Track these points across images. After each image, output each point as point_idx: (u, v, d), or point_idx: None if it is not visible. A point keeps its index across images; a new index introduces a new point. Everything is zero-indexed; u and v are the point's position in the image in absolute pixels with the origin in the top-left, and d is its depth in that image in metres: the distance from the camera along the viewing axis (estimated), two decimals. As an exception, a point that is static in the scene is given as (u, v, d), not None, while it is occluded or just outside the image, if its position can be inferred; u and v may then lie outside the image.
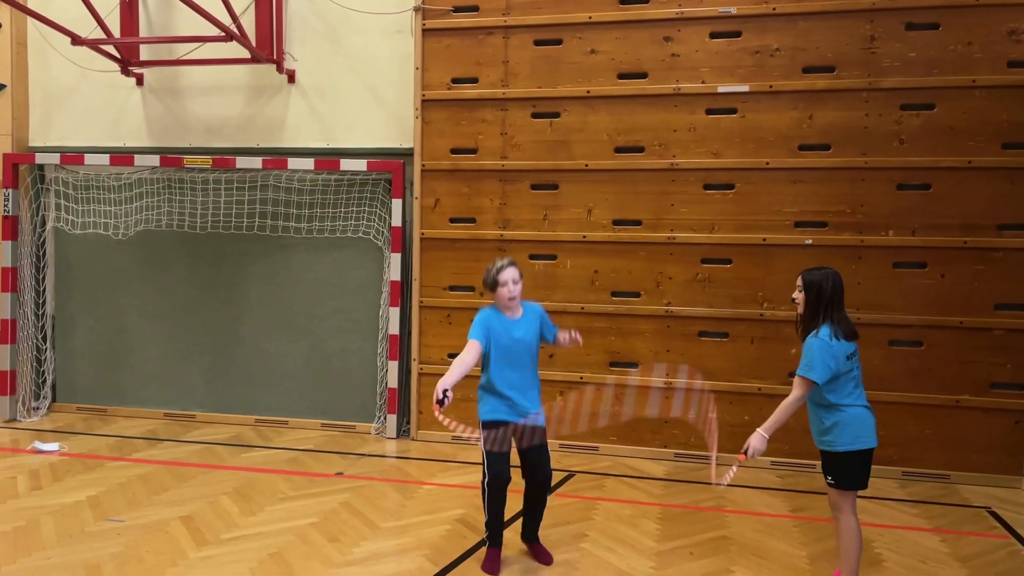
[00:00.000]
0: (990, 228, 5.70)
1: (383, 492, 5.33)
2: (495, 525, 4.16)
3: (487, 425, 4.12)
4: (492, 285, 4.08)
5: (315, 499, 5.15)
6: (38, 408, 7.32)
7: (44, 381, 7.40)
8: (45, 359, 7.39)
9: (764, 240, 6.04)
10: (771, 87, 5.97)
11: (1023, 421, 5.68)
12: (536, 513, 4.29)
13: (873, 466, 5.77)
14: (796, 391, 3.70)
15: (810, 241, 5.96)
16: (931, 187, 5.77)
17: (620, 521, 4.86)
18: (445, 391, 3.73)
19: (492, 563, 4.13)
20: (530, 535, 4.35)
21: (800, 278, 3.83)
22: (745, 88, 6.02)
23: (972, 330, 5.74)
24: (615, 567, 4.19)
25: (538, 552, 4.29)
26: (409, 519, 4.83)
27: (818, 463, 5.81)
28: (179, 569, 4.04)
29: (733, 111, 6.07)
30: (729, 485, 5.61)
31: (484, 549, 4.29)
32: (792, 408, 3.72)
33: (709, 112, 6.12)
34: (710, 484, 5.61)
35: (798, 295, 3.83)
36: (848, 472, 3.71)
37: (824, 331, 3.68)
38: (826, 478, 3.79)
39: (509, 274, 4.06)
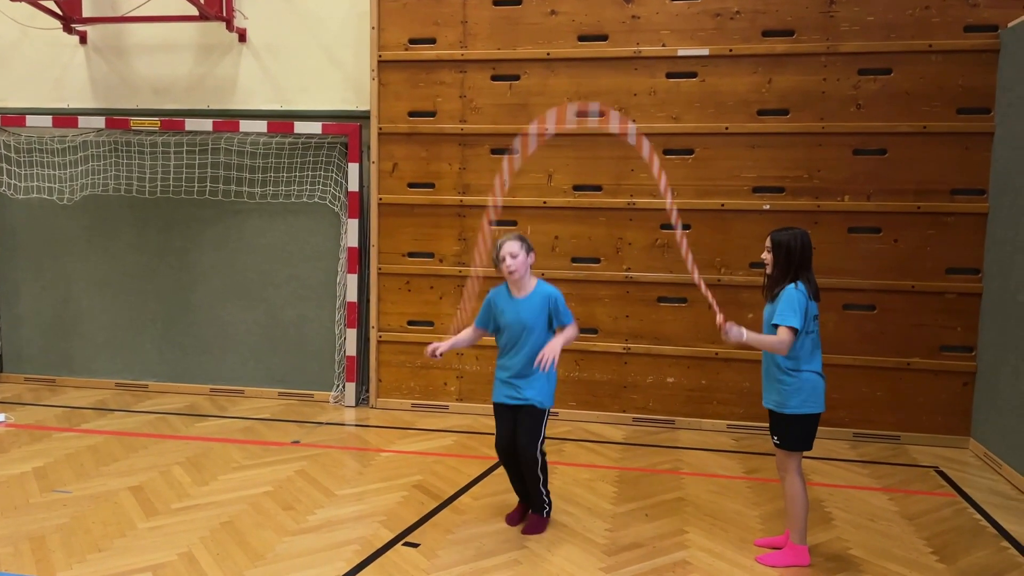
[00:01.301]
0: (943, 193, 5.76)
1: (340, 460, 5.28)
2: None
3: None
4: (495, 262, 4.04)
5: (270, 468, 5.08)
6: (-17, 379, 7.10)
7: (-11, 351, 7.17)
8: (-11, 328, 7.17)
9: (722, 205, 6.04)
10: (731, 51, 5.93)
11: (971, 383, 5.80)
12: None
13: (826, 428, 5.97)
14: (782, 338, 3.61)
15: (768, 207, 5.97)
16: (887, 152, 5.81)
17: (577, 484, 4.88)
18: (435, 351, 4.11)
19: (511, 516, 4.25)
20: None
21: (769, 238, 3.83)
22: (705, 52, 5.97)
23: (924, 294, 5.83)
24: (570, 529, 4.20)
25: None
26: (366, 486, 4.79)
27: (772, 425, 5.92)
28: (127, 540, 3.96)
29: (693, 75, 6.03)
30: (684, 448, 5.67)
31: (442, 512, 4.32)
32: (772, 348, 3.65)
33: (669, 76, 6.06)
34: (667, 447, 5.67)
35: (767, 255, 3.83)
36: (795, 434, 3.75)
37: (801, 286, 3.69)
38: (773, 438, 3.83)
39: (506, 248, 3.99)
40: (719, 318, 3.71)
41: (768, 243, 3.80)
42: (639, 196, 6.15)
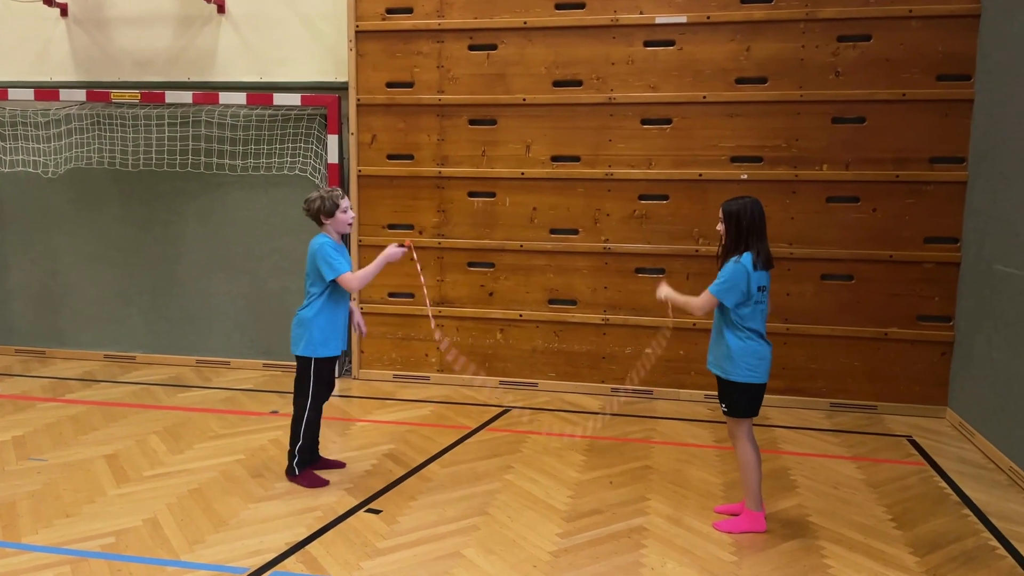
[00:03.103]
0: (922, 161, 5.71)
1: (315, 429, 5.34)
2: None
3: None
4: (331, 211, 4.31)
5: (245, 437, 5.16)
6: (-25, 351, 7.21)
7: (-20, 324, 7.27)
8: (-20, 301, 7.26)
9: (700, 175, 6.00)
10: (709, 18, 5.86)
11: (949, 353, 5.78)
12: None
13: (802, 398, 5.98)
14: (703, 300, 3.76)
15: (745, 176, 5.93)
16: (866, 120, 5.74)
17: (547, 453, 4.93)
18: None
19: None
20: None
21: (721, 209, 3.82)
22: (683, 19, 5.90)
23: (902, 264, 5.79)
24: (534, 496, 4.25)
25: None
26: (337, 455, 4.85)
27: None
28: (96, 506, 4.04)
29: (671, 43, 5.96)
30: (658, 418, 5.70)
31: (408, 480, 4.40)
32: (689, 309, 3.85)
33: (647, 44, 6.00)
34: (642, 417, 5.70)
35: (720, 227, 3.83)
36: (740, 401, 3.78)
37: (746, 258, 3.71)
38: (721, 405, 3.87)
39: (348, 201, 4.41)
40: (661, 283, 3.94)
41: (720, 214, 3.80)
42: (617, 167, 6.12)
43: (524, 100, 6.17)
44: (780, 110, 5.84)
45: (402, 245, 4.30)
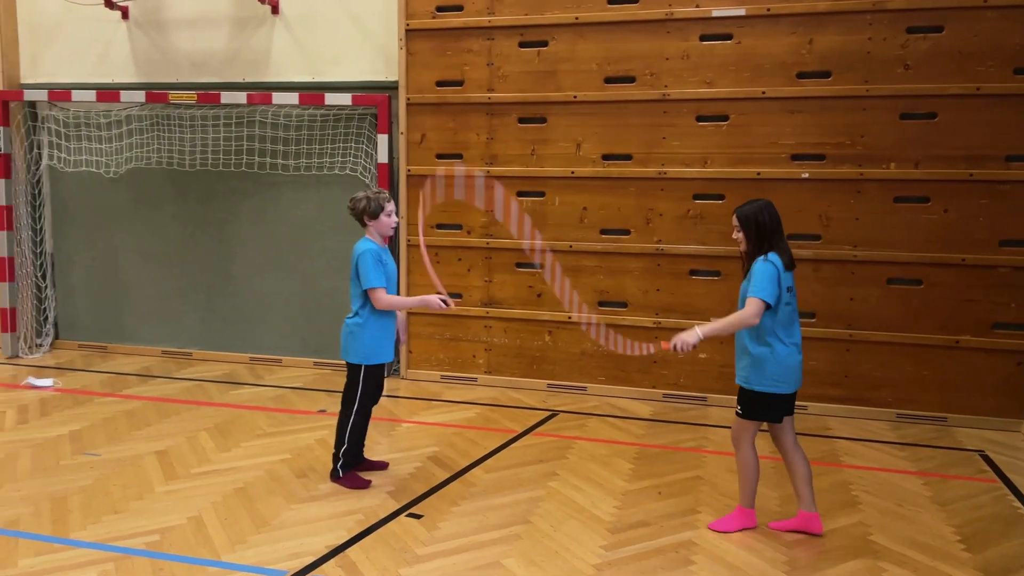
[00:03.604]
0: (997, 159, 5.37)
1: (361, 429, 5.32)
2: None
3: None
4: (375, 213, 4.27)
5: (292, 436, 5.17)
6: (41, 345, 7.44)
7: (46, 319, 7.51)
8: (46, 297, 7.49)
9: (758, 174, 5.78)
10: (769, 10, 5.63)
11: (1026, 363, 5.44)
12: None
13: (866, 408, 5.71)
14: (750, 309, 3.59)
15: (807, 175, 5.69)
16: (936, 116, 5.44)
17: (594, 460, 4.80)
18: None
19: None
20: None
21: (735, 217, 3.77)
22: (741, 11, 5.69)
23: (975, 268, 5.47)
24: (578, 505, 4.13)
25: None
26: (381, 456, 4.81)
27: (808, 404, 5.72)
28: (143, 502, 4.09)
29: (728, 37, 5.75)
30: (712, 426, 5.51)
31: (451, 484, 4.35)
32: (740, 324, 3.65)
33: (703, 38, 5.80)
34: (694, 424, 5.53)
35: (738, 234, 3.77)
36: (759, 409, 3.71)
37: (774, 257, 3.63)
38: (738, 411, 3.78)
39: (392, 205, 4.36)
40: (663, 344, 3.78)
41: (735, 221, 3.74)
42: (671, 165, 5.94)
43: (575, 97, 6.05)
44: (844, 105, 5.58)
45: (445, 302, 4.22)
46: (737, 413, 3.78)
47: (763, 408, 3.69)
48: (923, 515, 4.09)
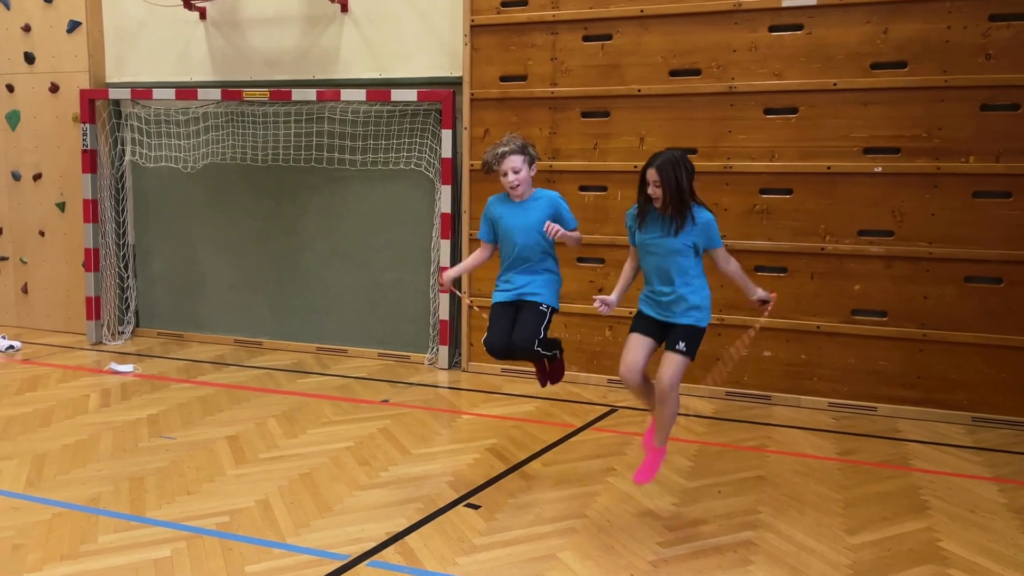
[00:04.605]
0: (1088, 152, 5.10)
1: (423, 420, 5.42)
2: None
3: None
4: (489, 169, 4.06)
5: (356, 424, 5.30)
6: (123, 332, 7.81)
7: (128, 307, 7.87)
8: (128, 286, 7.85)
9: (829, 168, 5.62)
10: (841, -1, 5.47)
11: (1116, 367, 5.16)
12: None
13: (940, 411, 5.55)
14: (734, 261, 3.97)
15: (879, 169, 5.51)
16: (1020, 107, 5.19)
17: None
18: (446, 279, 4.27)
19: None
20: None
21: (654, 171, 3.78)
22: (813, 1, 5.54)
23: (1061, 266, 5.21)
24: (636, 502, 4.12)
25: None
26: (442, 447, 4.90)
27: (878, 405, 5.57)
28: (215, 484, 4.26)
29: (799, 27, 5.61)
30: (775, 425, 5.41)
31: (509, 476, 4.39)
32: (740, 274, 4.03)
33: (772, 29, 5.67)
34: (757, 424, 5.43)
35: (656, 189, 3.79)
36: (697, 345, 3.86)
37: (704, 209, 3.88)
38: (683, 350, 3.81)
39: (508, 163, 3.98)
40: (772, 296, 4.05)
41: (655, 176, 3.75)
42: (737, 159, 5.84)
43: (639, 91, 6.00)
44: (921, 97, 5.38)
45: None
46: (684, 353, 3.82)
47: (699, 345, 3.87)
48: (996, 522, 3.94)
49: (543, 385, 4.54)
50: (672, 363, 3.80)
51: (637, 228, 3.94)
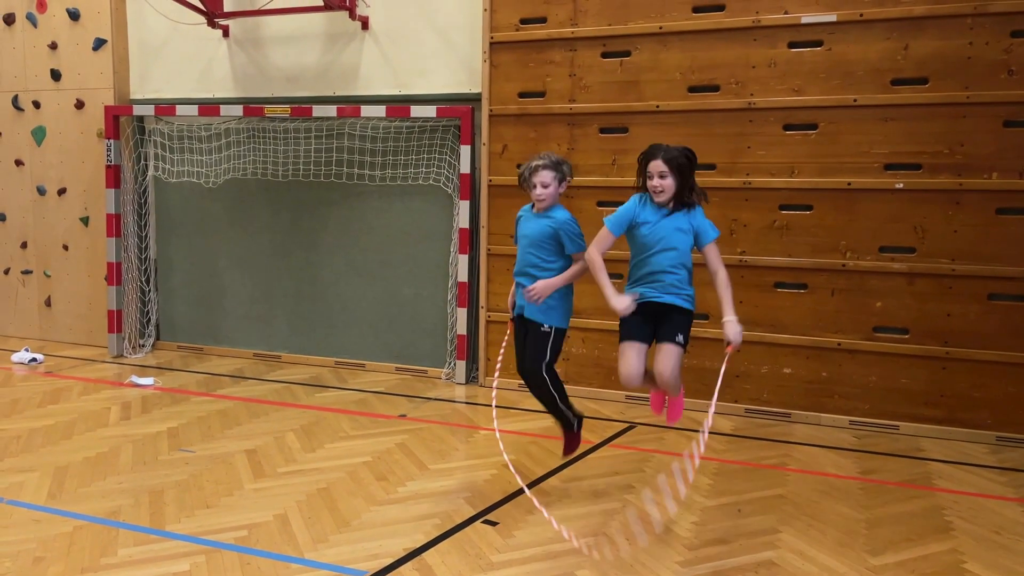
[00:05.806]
0: (1114, 169, 5.04)
1: (440, 435, 5.42)
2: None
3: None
4: (522, 180, 4.25)
5: (373, 439, 5.30)
6: (143, 345, 7.88)
7: (148, 320, 7.95)
8: (149, 300, 7.93)
9: (849, 184, 5.59)
10: (862, 15, 5.45)
11: None
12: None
13: (964, 430, 5.48)
14: (724, 269, 4.03)
15: (901, 185, 5.47)
16: (1044, 123, 5.15)
17: (670, 474, 4.73)
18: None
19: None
20: None
21: (661, 162, 3.85)
22: (832, 17, 5.53)
23: (1087, 284, 5.14)
24: (655, 520, 4.08)
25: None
26: (459, 462, 4.89)
27: (901, 423, 5.50)
28: (233, 498, 4.27)
29: (818, 43, 5.60)
30: (796, 443, 5.36)
31: (523, 495, 4.34)
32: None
33: (791, 45, 5.67)
34: (777, 441, 5.39)
35: (661, 181, 3.85)
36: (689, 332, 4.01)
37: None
38: (676, 337, 3.94)
39: (539, 177, 4.17)
40: (727, 349, 4.01)
41: (663, 167, 3.85)
42: (756, 175, 5.82)
43: (657, 107, 6.00)
44: (942, 113, 5.35)
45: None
46: (681, 344, 3.93)
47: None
48: (1022, 544, 3.86)
49: (564, 454, 4.60)
50: (670, 356, 3.93)
51: (636, 218, 4.02)
